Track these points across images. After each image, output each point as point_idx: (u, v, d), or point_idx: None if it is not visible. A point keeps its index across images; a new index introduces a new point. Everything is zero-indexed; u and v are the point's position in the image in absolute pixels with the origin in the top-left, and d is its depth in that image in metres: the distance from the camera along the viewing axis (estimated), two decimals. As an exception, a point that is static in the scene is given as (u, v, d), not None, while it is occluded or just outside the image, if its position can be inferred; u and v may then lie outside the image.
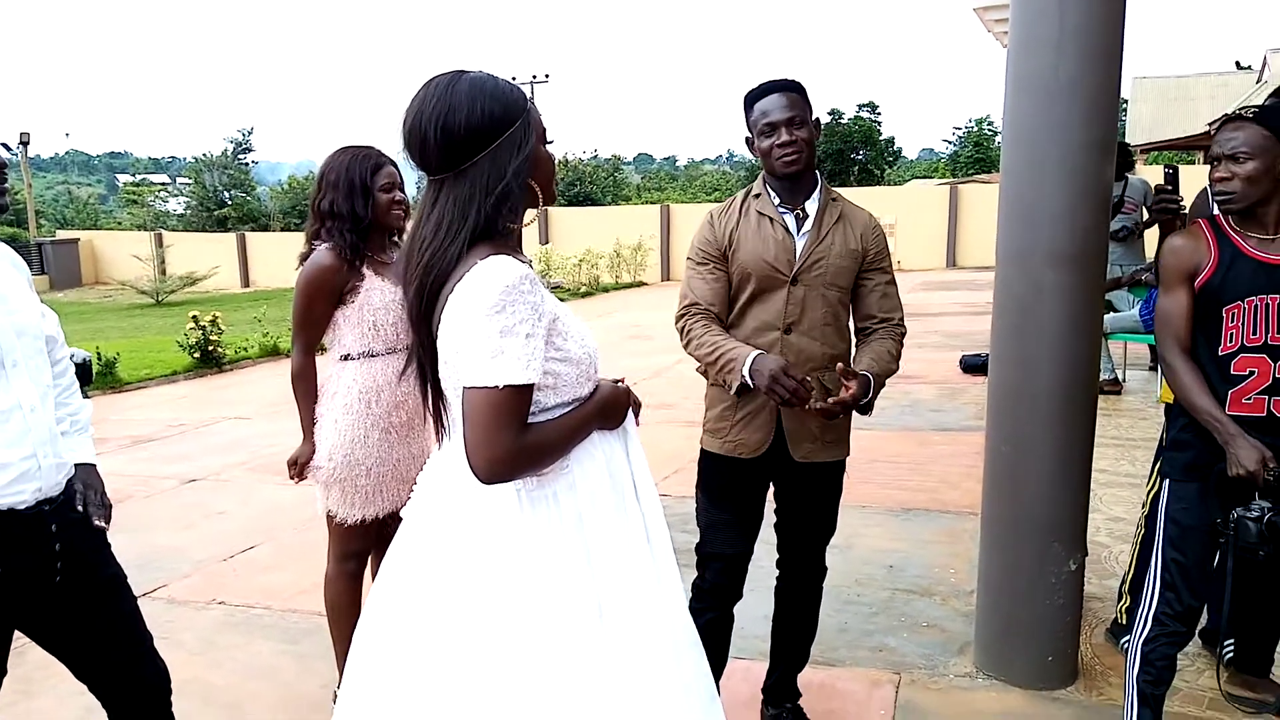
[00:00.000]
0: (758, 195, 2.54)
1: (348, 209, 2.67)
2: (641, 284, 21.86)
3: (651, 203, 28.00)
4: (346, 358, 2.72)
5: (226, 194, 38.34)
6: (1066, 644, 3.00)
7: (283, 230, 32.58)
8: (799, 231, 2.48)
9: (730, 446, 2.52)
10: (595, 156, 45.75)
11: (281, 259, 23.62)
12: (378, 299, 2.69)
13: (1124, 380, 7.42)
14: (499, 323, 1.50)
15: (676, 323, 2.55)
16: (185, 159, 56.02)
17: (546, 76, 37.98)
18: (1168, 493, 2.44)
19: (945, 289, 16.79)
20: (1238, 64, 33.04)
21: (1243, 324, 2.29)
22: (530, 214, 1.71)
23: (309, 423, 2.77)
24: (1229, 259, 2.31)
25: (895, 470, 5.57)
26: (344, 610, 2.88)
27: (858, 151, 40.27)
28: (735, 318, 2.53)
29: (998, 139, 40.05)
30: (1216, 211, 2.40)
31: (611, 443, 1.74)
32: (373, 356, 2.71)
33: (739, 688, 2.96)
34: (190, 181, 40.55)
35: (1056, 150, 2.79)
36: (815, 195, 2.53)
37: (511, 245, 1.64)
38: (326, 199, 2.69)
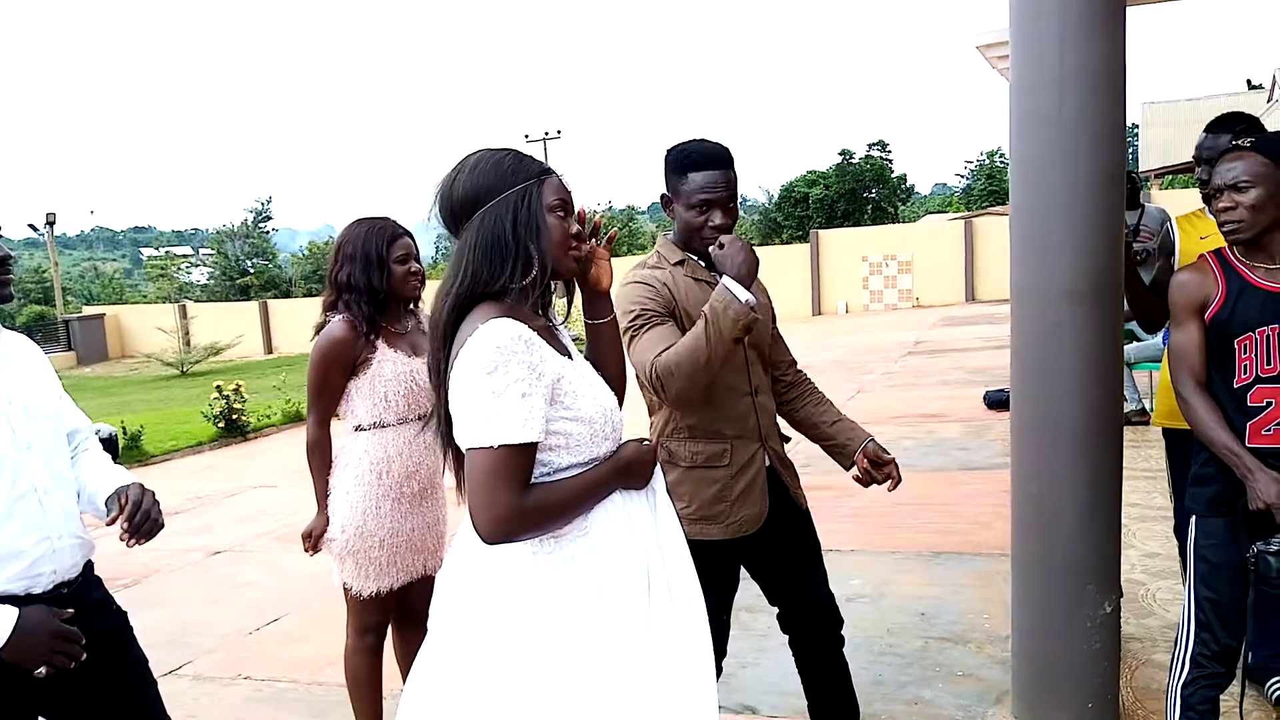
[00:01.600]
0: (681, 262, 2.40)
1: (364, 281, 2.69)
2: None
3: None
4: (359, 428, 2.73)
5: (248, 262, 38.95)
6: (1106, 689, 2.90)
7: (304, 296, 33.00)
8: None
9: (735, 528, 2.38)
10: (610, 208, 46.20)
11: (303, 324, 23.79)
12: (389, 370, 2.70)
13: (1150, 410, 7.30)
14: (492, 384, 1.53)
15: (649, 378, 2.22)
16: (207, 230, 56.93)
17: (559, 133, 38.43)
18: (1194, 529, 2.39)
19: (966, 324, 16.71)
20: (1249, 83, 33.06)
21: (1256, 355, 2.25)
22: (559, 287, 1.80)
23: (323, 494, 2.76)
24: (1236, 290, 2.28)
25: (924, 512, 5.49)
26: (364, 684, 2.85)
27: (870, 190, 40.42)
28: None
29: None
30: (1223, 244, 2.37)
31: (637, 502, 1.73)
32: (383, 427, 2.71)
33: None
34: (213, 252, 41.22)
35: (1064, 185, 2.77)
36: None
37: (518, 308, 1.65)
38: (344, 271, 2.71)
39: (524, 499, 1.54)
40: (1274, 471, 2.19)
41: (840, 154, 40.66)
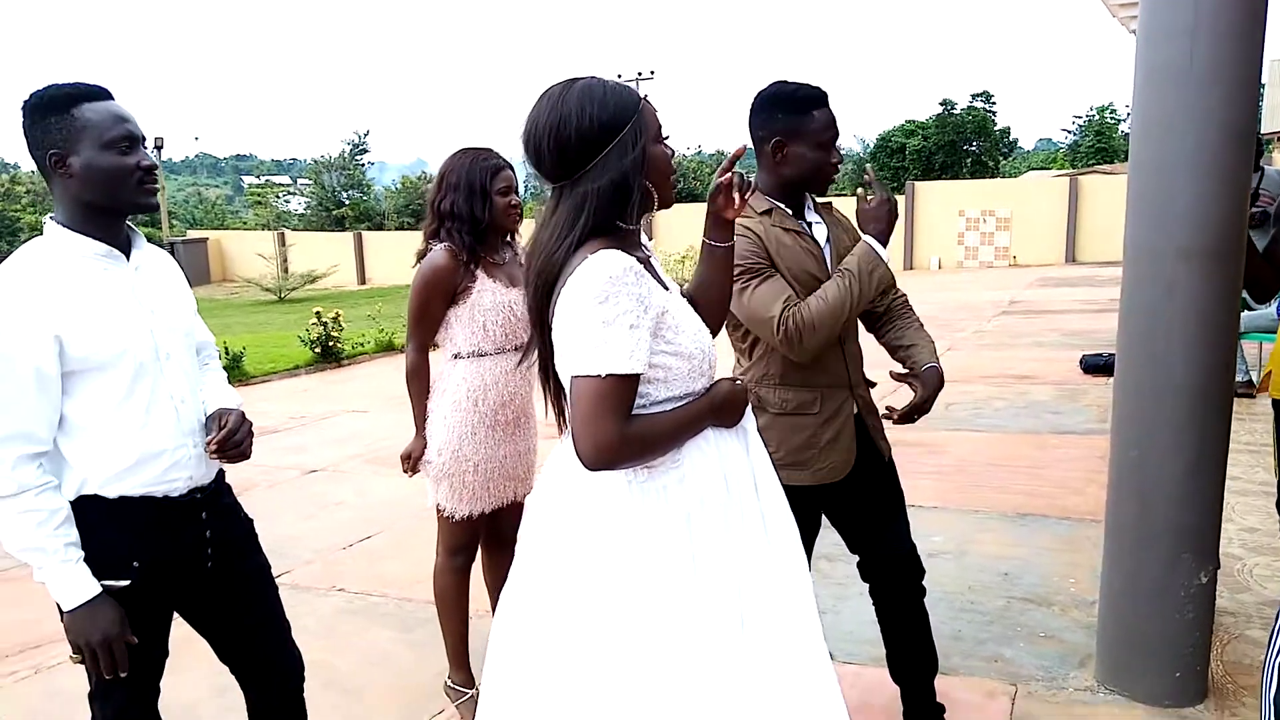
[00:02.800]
0: (769, 211, 2.35)
1: (467, 211, 2.73)
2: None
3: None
4: (457, 356, 2.78)
5: (344, 194, 39.69)
6: (1195, 660, 2.85)
7: (397, 229, 33.58)
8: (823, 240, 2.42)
9: (822, 474, 2.38)
10: (700, 152, 45.71)
11: (396, 257, 24.36)
12: (489, 300, 2.74)
13: (1256, 382, 7.01)
14: (603, 313, 1.54)
15: (777, 332, 2.24)
16: (306, 160, 58.11)
17: (652, 73, 37.98)
18: None
19: (1065, 285, 16.18)
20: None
21: None
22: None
23: (421, 418, 2.84)
24: None
25: (1011, 474, 5.40)
26: (451, 603, 2.95)
27: (971, 143, 39.13)
28: None
29: (1121, 127, 38.39)
30: None
31: (729, 440, 1.74)
32: (481, 356, 2.76)
33: (848, 694, 2.92)
34: (310, 182, 42.07)
35: (1192, 141, 2.65)
36: (808, 206, 2.44)
37: (628, 242, 1.66)
38: (447, 200, 2.75)
39: (627, 428, 1.57)
40: None
41: (941, 104, 39.39)
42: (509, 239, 2.89)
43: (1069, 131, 45.45)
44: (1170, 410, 2.78)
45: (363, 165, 41.52)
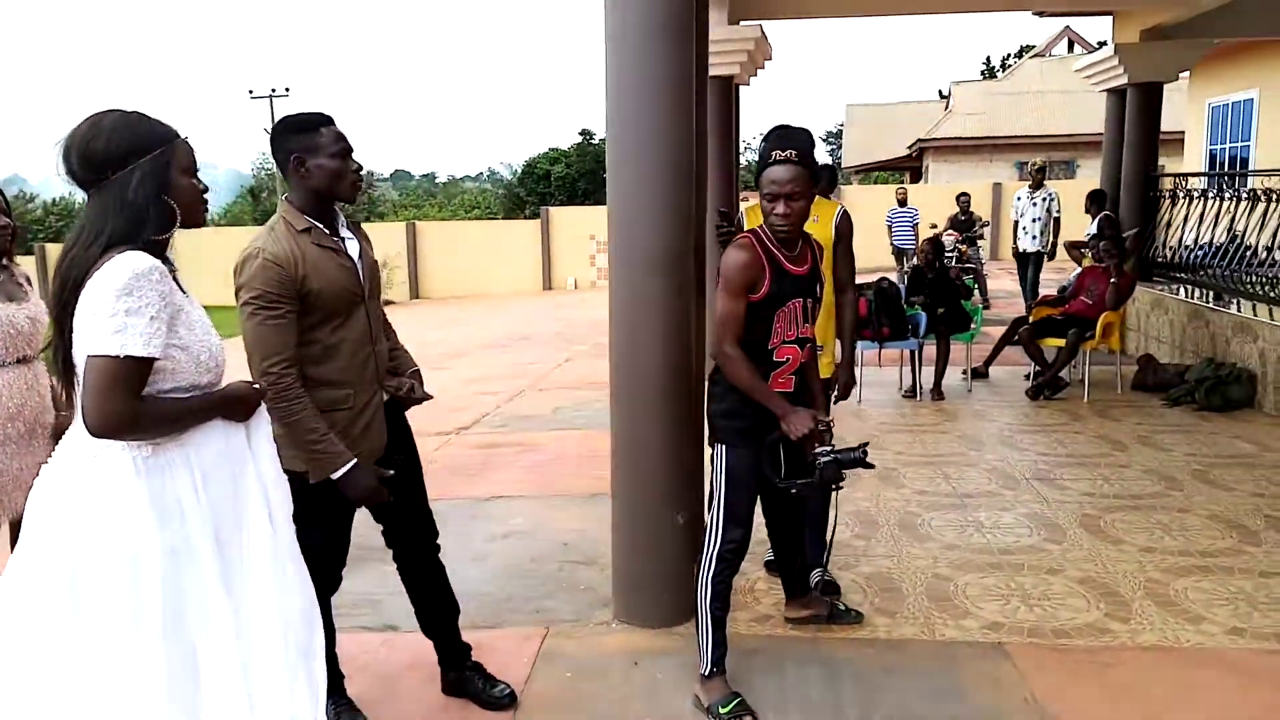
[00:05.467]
0: (307, 230, 2.62)
1: None
2: (389, 303, 21.70)
3: (409, 219, 27.75)
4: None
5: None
6: (680, 587, 3.53)
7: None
8: None
9: (361, 458, 2.68)
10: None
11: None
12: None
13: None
14: (126, 303, 1.84)
15: (265, 379, 2.47)
16: None
17: (287, 90, 36.89)
18: (725, 454, 3.03)
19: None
20: (940, 93, 37.08)
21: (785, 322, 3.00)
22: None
23: None
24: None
25: (594, 463, 6.00)
26: None
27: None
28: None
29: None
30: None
31: (236, 432, 2.08)
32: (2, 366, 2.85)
33: (396, 658, 3.34)
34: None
35: (641, 174, 3.36)
36: (341, 223, 2.77)
37: (152, 251, 1.95)
38: None
39: (135, 405, 1.85)
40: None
41: (581, 134, 41.53)
42: (3, 262, 2.96)
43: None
44: (649, 390, 3.48)
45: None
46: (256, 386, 2.15)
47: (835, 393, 3.83)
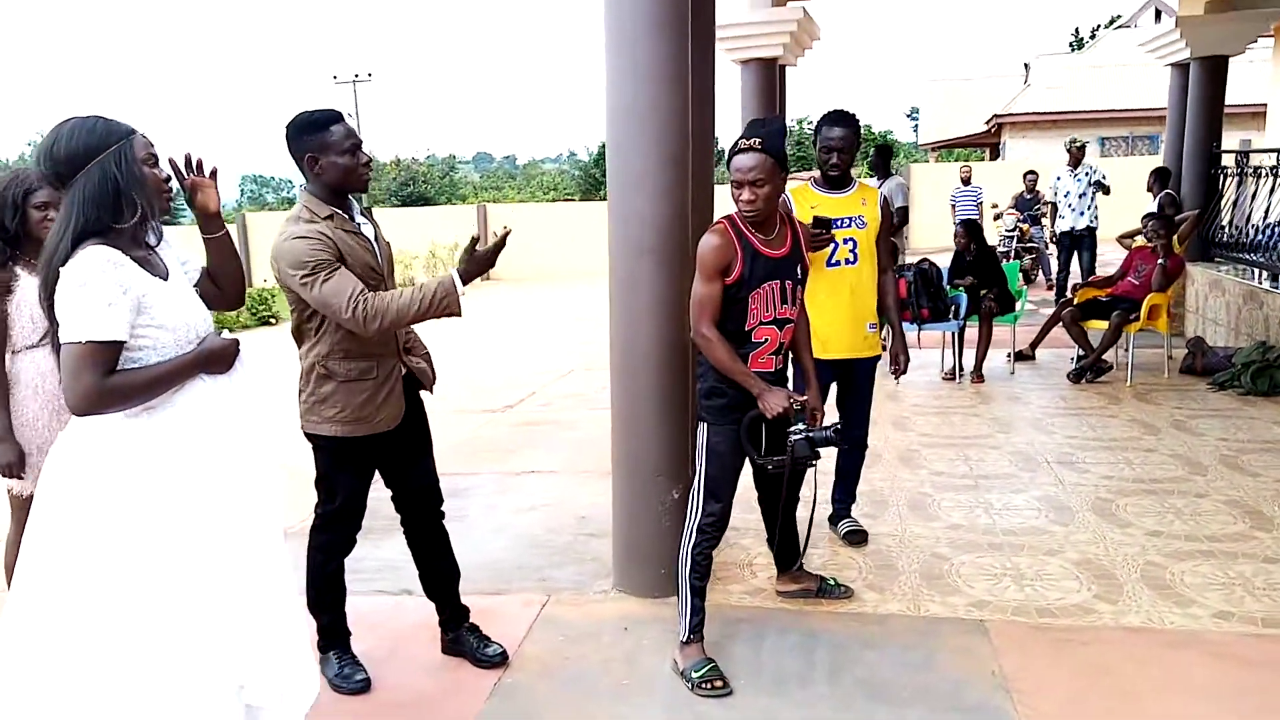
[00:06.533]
0: (330, 216, 2.89)
1: None
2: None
3: (487, 202, 28.15)
4: (15, 351, 3.14)
5: None
6: (674, 558, 3.71)
7: None
8: None
9: (380, 425, 3.01)
10: (430, 157, 45.57)
11: None
12: (33, 295, 3.12)
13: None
14: (84, 293, 2.08)
15: (345, 312, 2.75)
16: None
17: (370, 75, 37.73)
18: (705, 432, 3.18)
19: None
20: (1026, 66, 35.97)
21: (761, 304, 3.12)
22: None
23: (7, 424, 3.12)
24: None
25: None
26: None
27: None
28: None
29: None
30: None
31: (221, 385, 2.29)
32: (33, 348, 3.12)
33: (396, 621, 3.58)
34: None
35: (638, 165, 3.51)
36: (356, 210, 3.05)
37: (118, 240, 2.18)
38: None
39: (105, 382, 2.08)
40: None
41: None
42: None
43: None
44: (643, 371, 3.64)
45: None
46: (234, 339, 2.36)
47: (892, 367, 4.15)
